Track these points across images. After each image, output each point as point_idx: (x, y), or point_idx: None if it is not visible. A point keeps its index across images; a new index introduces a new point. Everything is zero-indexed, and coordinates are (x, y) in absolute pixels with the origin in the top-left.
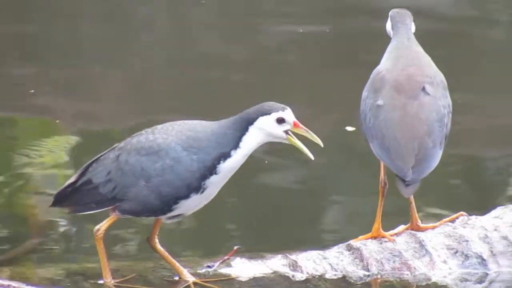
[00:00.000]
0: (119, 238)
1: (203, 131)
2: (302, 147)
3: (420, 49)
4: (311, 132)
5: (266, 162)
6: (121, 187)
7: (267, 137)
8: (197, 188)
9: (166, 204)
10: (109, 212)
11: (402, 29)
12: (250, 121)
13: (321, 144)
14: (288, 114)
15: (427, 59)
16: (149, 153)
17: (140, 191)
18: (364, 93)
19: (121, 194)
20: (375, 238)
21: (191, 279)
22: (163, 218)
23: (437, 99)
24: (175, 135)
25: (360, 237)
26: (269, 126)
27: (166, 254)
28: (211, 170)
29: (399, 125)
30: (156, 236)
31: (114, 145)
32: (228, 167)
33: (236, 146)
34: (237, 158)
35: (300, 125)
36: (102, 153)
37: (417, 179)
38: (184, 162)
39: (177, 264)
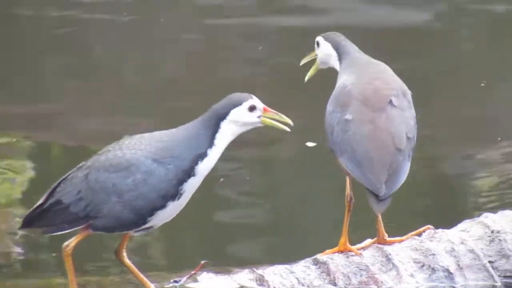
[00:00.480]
0: (87, 252)
1: (172, 139)
2: (277, 124)
3: (377, 61)
4: (280, 114)
5: (222, 179)
6: (93, 205)
7: (242, 127)
8: (174, 195)
9: (141, 217)
10: (80, 230)
11: (348, 46)
12: (221, 117)
13: (291, 123)
14: (257, 100)
15: (390, 71)
16: (118, 169)
17: (113, 207)
18: (329, 107)
19: (94, 212)
20: (341, 252)
21: None
22: (131, 231)
23: (404, 111)
24: (144, 149)
25: (327, 251)
26: (243, 117)
27: (134, 268)
28: (189, 172)
29: (369, 140)
30: (124, 250)
31: (81, 164)
32: (205, 167)
33: (211, 144)
34: (213, 156)
35: (269, 109)
36: (69, 173)
37: (389, 193)
38: (158, 174)
39: (145, 279)
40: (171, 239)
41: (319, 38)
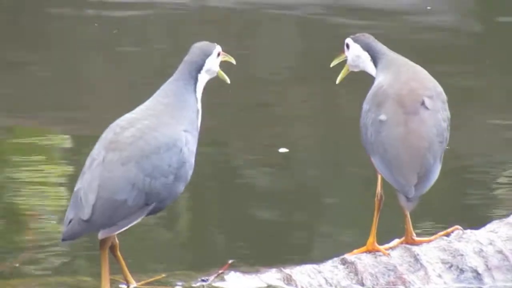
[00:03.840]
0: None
1: (179, 106)
2: (224, 75)
3: (412, 62)
4: (228, 55)
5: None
6: (153, 192)
7: (209, 76)
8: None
9: (186, 184)
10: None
11: (380, 46)
12: (199, 69)
13: (234, 62)
14: (219, 47)
15: (425, 72)
16: (168, 148)
17: (173, 185)
18: (365, 106)
19: (153, 197)
20: (369, 252)
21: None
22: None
23: (436, 113)
24: (176, 121)
25: (355, 251)
26: (214, 64)
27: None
28: (198, 130)
29: (401, 143)
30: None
31: (99, 160)
32: (199, 121)
33: (196, 99)
34: (200, 109)
35: (222, 52)
36: (85, 172)
37: (418, 195)
38: (190, 139)
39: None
40: (197, 238)
41: (349, 40)
